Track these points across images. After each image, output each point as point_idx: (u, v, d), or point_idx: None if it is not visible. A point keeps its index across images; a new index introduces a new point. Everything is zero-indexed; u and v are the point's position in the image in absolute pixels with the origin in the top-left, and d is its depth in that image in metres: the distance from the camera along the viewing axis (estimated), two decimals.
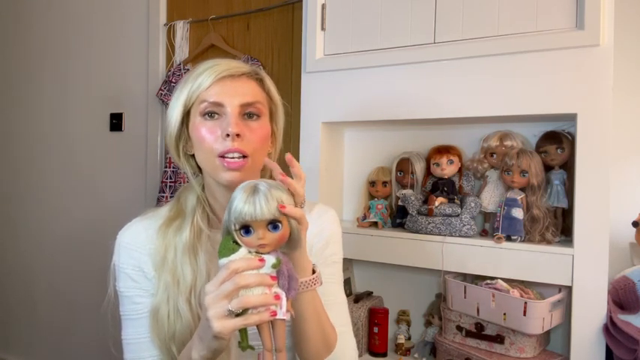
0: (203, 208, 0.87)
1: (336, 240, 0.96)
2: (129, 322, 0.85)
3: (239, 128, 0.79)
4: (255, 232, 0.66)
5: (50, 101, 2.50)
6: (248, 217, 0.65)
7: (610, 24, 1.11)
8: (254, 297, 0.64)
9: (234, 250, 0.67)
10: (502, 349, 1.24)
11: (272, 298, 0.65)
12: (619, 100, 1.22)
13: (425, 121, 1.42)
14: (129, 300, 0.85)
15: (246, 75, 0.84)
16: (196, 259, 0.83)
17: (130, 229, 0.89)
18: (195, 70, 0.84)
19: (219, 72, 0.81)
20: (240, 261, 0.66)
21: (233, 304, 0.64)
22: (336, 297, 0.92)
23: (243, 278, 0.64)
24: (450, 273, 1.35)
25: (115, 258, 0.88)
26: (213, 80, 0.81)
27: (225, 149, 0.79)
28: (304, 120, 1.47)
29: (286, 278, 0.69)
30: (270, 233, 0.67)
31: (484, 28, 1.23)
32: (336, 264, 0.95)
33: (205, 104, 0.81)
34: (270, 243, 0.67)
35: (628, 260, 1.29)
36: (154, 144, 2.17)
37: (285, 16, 1.87)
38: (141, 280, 0.85)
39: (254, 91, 0.84)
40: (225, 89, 0.81)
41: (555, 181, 1.27)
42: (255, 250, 0.67)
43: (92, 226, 2.38)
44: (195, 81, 0.82)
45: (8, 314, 2.68)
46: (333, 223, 0.96)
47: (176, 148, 0.87)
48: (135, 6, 2.22)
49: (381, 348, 1.46)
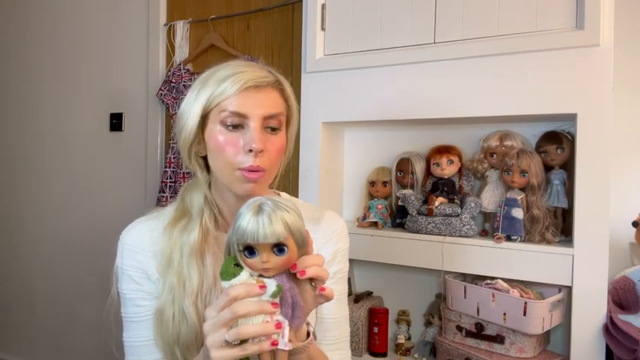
0: (211, 209, 0.85)
1: (345, 254, 0.94)
2: (131, 324, 0.84)
3: (262, 144, 0.77)
4: (259, 255, 0.62)
5: (50, 101, 2.50)
6: (250, 240, 0.61)
7: (610, 24, 1.11)
8: (252, 327, 0.61)
9: (235, 274, 0.63)
10: (502, 349, 1.24)
11: (273, 327, 0.61)
12: (619, 100, 1.22)
13: (425, 121, 1.41)
14: (131, 302, 0.84)
15: (270, 85, 0.81)
16: (203, 261, 0.81)
17: (134, 229, 0.86)
18: (216, 73, 0.80)
19: (245, 81, 0.78)
20: (239, 287, 0.62)
21: (230, 335, 0.61)
22: (338, 314, 0.92)
23: (241, 307, 0.61)
24: (450, 273, 1.35)
25: (119, 259, 0.86)
26: (238, 89, 0.78)
27: (247, 165, 0.77)
28: (304, 120, 1.47)
29: (290, 306, 0.64)
30: (275, 257, 0.62)
31: (484, 28, 1.23)
32: (342, 279, 0.94)
33: (227, 113, 0.78)
34: (275, 267, 0.63)
35: (628, 260, 1.29)
36: (154, 144, 2.17)
37: (285, 16, 1.87)
38: (144, 283, 0.84)
39: (277, 103, 0.81)
40: (250, 100, 0.78)
41: (555, 181, 1.27)
42: (258, 274, 0.64)
43: (92, 225, 2.38)
44: (218, 86, 0.78)
45: (8, 314, 2.67)
46: (344, 237, 0.94)
47: (188, 151, 0.85)
48: (135, 6, 2.23)
49: (381, 348, 1.46)
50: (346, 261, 0.95)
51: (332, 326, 0.91)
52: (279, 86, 0.84)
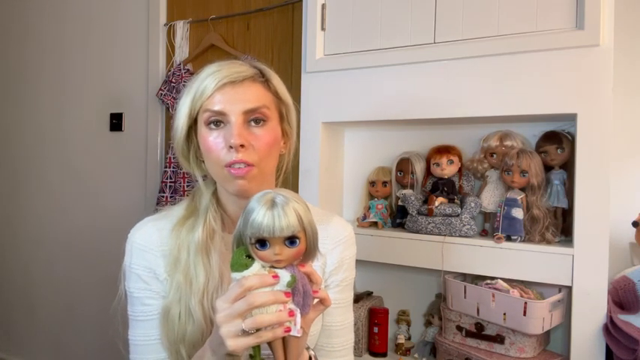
0: (216, 210, 0.86)
1: (352, 262, 0.94)
2: (137, 323, 0.85)
3: (242, 139, 0.77)
4: (271, 247, 0.63)
5: (50, 101, 2.50)
6: (266, 233, 0.62)
7: (610, 24, 1.11)
8: (268, 316, 0.62)
9: (247, 265, 0.64)
10: (502, 349, 1.24)
11: (286, 315, 0.63)
12: (619, 100, 1.22)
13: (425, 121, 1.41)
14: (139, 301, 0.84)
15: (249, 79, 0.81)
16: (209, 259, 0.81)
17: (143, 229, 0.87)
18: (198, 76, 0.81)
19: (219, 79, 0.78)
20: (253, 278, 0.63)
21: (247, 324, 0.62)
22: (344, 321, 0.93)
23: (256, 298, 0.62)
24: (450, 273, 1.35)
25: (127, 258, 0.86)
26: (214, 88, 0.78)
27: (230, 160, 0.77)
28: (304, 120, 1.47)
29: (301, 295, 0.66)
30: (287, 249, 0.64)
31: (484, 28, 1.23)
32: (348, 287, 0.94)
33: (208, 113, 0.79)
34: (287, 259, 0.64)
35: (628, 260, 1.29)
36: (154, 144, 2.17)
37: (285, 16, 1.87)
38: (152, 282, 0.84)
39: (258, 95, 0.81)
40: (227, 97, 0.78)
41: (555, 181, 1.27)
42: (270, 265, 0.65)
43: (92, 226, 2.38)
44: (198, 89, 0.79)
45: (8, 314, 2.67)
46: (351, 245, 0.94)
47: (186, 157, 0.86)
48: (135, 6, 2.23)
49: (381, 348, 1.46)
50: (353, 269, 0.94)
51: (337, 333, 0.92)
52: (261, 78, 0.83)
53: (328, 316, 0.90)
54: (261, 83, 0.83)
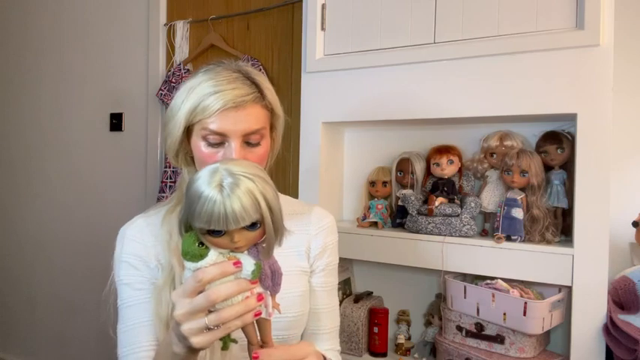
0: None
1: (335, 248, 0.99)
2: (128, 309, 0.84)
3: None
4: (228, 234, 0.56)
5: (50, 101, 2.50)
6: (219, 227, 0.54)
7: (610, 24, 1.11)
8: (234, 308, 0.57)
9: (202, 255, 0.57)
10: (502, 349, 1.24)
11: (254, 301, 0.58)
12: (619, 100, 1.22)
13: (425, 121, 1.41)
14: (129, 287, 0.85)
15: (251, 102, 0.81)
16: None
17: (134, 223, 0.90)
18: (199, 86, 0.80)
19: (225, 102, 0.78)
20: (211, 269, 0.57)
21: (211, 321, 0.57)
22: (330, 304, 0.97)
23: (218, 292, 0.57)
24: (450, 273, 1.35)
25: (118, 249, 0.88)
26: (218, 110, 0.78)
27: None
28: (304, 120, 1.47)
29: (269, 277, 0.59)
30: (247, 232, 0.56)
31: (484, 28, 1.23)
32: (333, 271, 0.98)
33: (208, 131, 0.79)
34: (247, 243, 0.58)
35: (628, 260, 1.29)
36: (154, 144, 2.17)
37: (285, 16, 1.87)
38: (143, 269, 0.85)
39: (258, 118, 0.81)
40: (230, 120, 0.78)
41: (555, 181, 1.28)
42: (229, 250, 0.58)
43: (92, 226, 2.38)
44: (200, 103, 0.79)
45: (8, 314, 2.68)
46: (334, 232, 0.99)
47: (175, 157, 0.87)
48: (135, 6, 2.23)
49: (381, 348, 1.46)
50: (336, 254, 0.99)
51: (324, 316, 0.95)
52: (260, 98, 0.83)
53: (315, 299, 0.94)
54: (260, 104, 0.83)
